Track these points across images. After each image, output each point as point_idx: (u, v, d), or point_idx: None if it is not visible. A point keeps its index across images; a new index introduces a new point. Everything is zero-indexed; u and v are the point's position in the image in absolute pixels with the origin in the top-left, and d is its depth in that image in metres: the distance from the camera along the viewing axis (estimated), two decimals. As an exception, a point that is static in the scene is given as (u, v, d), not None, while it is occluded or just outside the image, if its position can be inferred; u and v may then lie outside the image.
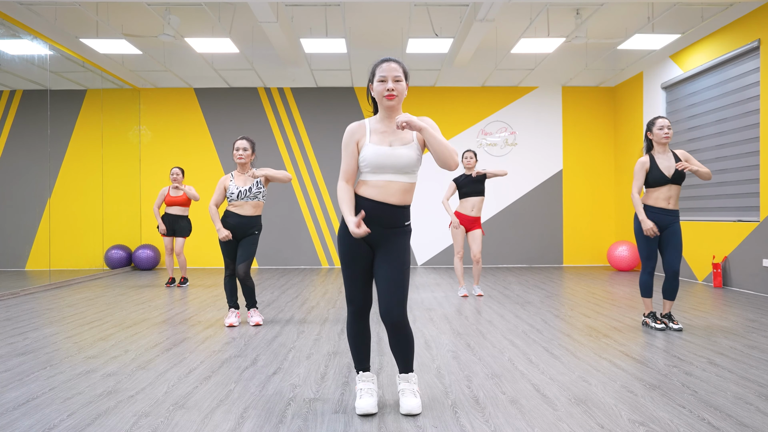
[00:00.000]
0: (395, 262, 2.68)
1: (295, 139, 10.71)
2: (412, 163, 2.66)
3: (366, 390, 2.76)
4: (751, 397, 2.94)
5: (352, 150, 2.70)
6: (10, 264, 10.23)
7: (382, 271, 2.69)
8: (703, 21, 7.25)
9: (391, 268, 2.68)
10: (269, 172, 4.83)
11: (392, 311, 2.66)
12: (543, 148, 10.77)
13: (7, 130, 10.32)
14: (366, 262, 2.74)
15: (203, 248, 10.51)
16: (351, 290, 2.77)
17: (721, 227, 7.49)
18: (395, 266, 2.68)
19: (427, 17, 7.19)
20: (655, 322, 4.63)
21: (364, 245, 2.71)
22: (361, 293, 2.77)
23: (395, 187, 2.66)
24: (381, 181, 2.65)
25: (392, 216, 2.68)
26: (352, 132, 2.72)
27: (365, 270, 2.75)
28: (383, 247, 2.70)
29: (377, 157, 2.63)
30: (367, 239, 2.70)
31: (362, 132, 2.72)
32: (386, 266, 2.68)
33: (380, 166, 2.64)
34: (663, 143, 4.57)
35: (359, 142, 2.70)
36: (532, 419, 2.64)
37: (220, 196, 4.92)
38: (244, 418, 2.67)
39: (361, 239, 2.69)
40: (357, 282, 2.75)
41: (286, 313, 5.59)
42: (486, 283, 7.94)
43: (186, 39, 7.71)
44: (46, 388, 3.15)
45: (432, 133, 2.59)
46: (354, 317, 2.81)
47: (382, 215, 2.66)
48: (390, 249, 2.70)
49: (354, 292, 2.77)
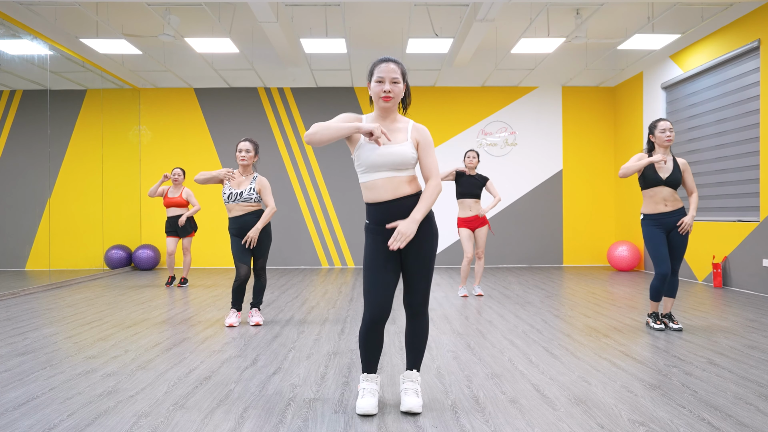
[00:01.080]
0: (423, 252, 2.68)
1: (295, 139, 10.71)
2: (407, 159, 2.63)
3: (368, 390, 2.76)
4: (751, 397, 2.94)
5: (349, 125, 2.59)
6: (10, 264, 10.23)
7: (414, 263, 2.69)
8: (703, 21, 7.25)
9: (419, 258, 2.68)
10: (262, 194, 4.86)
11: (417, 299, 2.72)
12: (543, 148, 10.77)
13: (7, 130, 10.32)
14: (395, 261, 2.69)
15: (203, 248, 10.50)
16: (374, 296, 2.65)
17: (721, 227, 7.49)
18: (423, 256, 2.68)
19: (427, 17, 7.19)
20: (656, 323, 4.64)
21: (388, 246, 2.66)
22: (383, 299, 2.65)
23: (396, 182, 2.64)
24: (381, 180, 2.64)
25: (407, 209, 2.65)
26: (354, 118, 2.71)
27: (392, 270, 2.69)
28: (412, 241, 2.66)
29: (372, 155, 2.62)
30: None
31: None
32: (414, 256, 2.68)
33: (375, 165, 2.63)
34: (665, 146, 4.56)
35: (354, 136, 2.69)
36: (532, 419, 2.64)
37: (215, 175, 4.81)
38: (244, 418, 2.67)
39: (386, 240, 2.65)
40: (381, 286, 2.64)
41: (286, 313, 5.59)
42: (486, 283, 7.94)
43: (186, 39, 7.71)
44: (46, 388, 3.15)
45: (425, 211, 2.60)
46: (371, 325, 2.69)
47: (398, 213, 2.64)
48: (419, 240, 2.67)
49: (377, 297, 2.65)
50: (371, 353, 2.77)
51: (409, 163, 2.65)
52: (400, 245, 2.54)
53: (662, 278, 4.49)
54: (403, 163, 2.63)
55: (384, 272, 2.66)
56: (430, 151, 2.71)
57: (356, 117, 2.72)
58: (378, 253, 2.67)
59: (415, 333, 2.80)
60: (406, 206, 2.64)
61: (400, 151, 2.62)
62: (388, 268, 2.67)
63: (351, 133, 2.59)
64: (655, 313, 4.71)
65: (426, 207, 2.62)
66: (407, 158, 2.63)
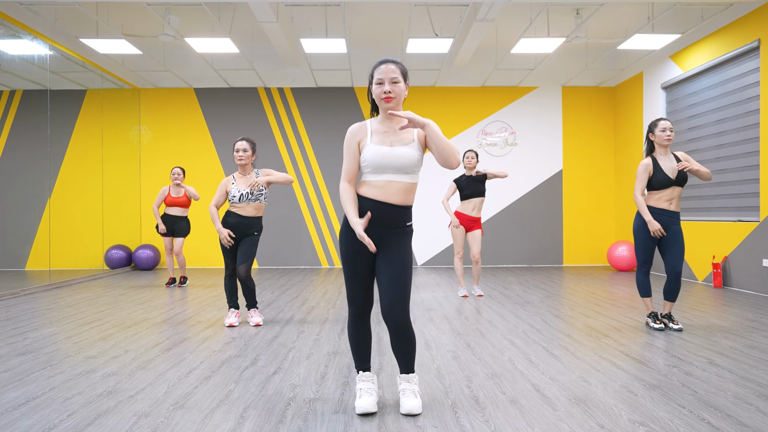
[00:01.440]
0: (397, 261, 2.68)
1: (295, 139, 10.72)
2: (413, 162, 2.66)
3: (366, 390, 2.76)
4: (751, 397, 2.94)
5: (354, 151, 2.70)
6: (10, 264, 10.23)
7: (383, 270, 2.69)
8: (703, 21, 7.25)
9: (393, 267, 2.67)
10: (271, 178, 4.84)
11: (394, 311, 2.66)
12: (543, 148, 10.77)
13: (7, 130, 10.32)
14: (367, 262, 2.74)
15: (203, 248, 10.50)
16: (352, 291, 2.77)
17: (721, 227, 7.49)
18: (397, 266, 2.68)
19: (427, 17, 7.19)
20: (655, 323, 4.64)
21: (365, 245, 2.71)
22: (362, 294, 2.77)
23: (396, 187, 2.66)
24: (382, 181, 2.65)
25: (394, 216, 2.68)
26: (354, 133, 2.73)
27: (367, 270, 2.75)
28: (385, 247, 2.70)
29: (378, 157, 2.63)
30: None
31: (363, 132, 2.72)
32: (388, 266, 2.68)
33: (381, 166, 2.64)
34: (665, 145, 4.57)
35: (360, 143, 2.70)
36: (532, 419, 2.64)
37: (221, 197, 4.92)
38: (244, 418, 2.67)
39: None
40: (358, 282, 2.75)
41: (286, 313, 5.59)
42: (486, 283, 7.94)
43: (186, 39, 7.71)
44: (46, 388, 3.15)
45: (434, 129, 2.59)
46: (355, 318, 2.82)
47: (384, 215, 2.66)
48: (392, 249, 2.69)
49: (355, 292, 2.77)
50: (360, 348, 2.82)
51: (415, 165, 2.67)
52: (408, 116, 2.53)
53: (645, 271, 4.64)
54: (409, 165, 2.65)
55: (362, 264, 2.72)
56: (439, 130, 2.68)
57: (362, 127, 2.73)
58: (354, 246, 2.70)
59: (400, 346, 2.74)
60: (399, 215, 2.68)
61: (406, 154, 2.64)
62: (365, 260, 2.72)
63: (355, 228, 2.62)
64: (654, 313, 4.71)
65: (439, 134, 2.58)
66: (414, 160, 2.65)
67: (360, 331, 2.81)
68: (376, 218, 2.66)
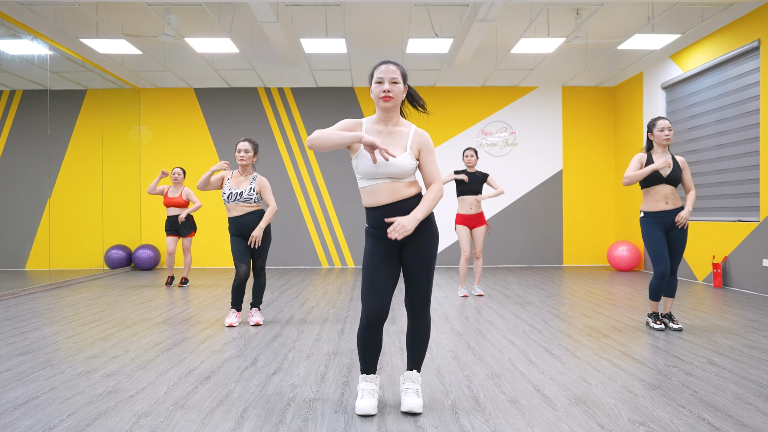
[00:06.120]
0: (424, 251, 2.70)
1: (295, 139, 10.71)
2: (406, 171, 2.64)
3: (368, 390, 2.76)
4: (751, 397, 2.94)
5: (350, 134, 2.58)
6: (10, 264, 10.23)
7: (410, 261, 2.70)
8: (703, 21, 7.25)
9: (420, 257, 2.70)
10: (262, 192, 4.87)
11: (418, 299, 2.73)
12: (543, 148, 10.77)
13: (7, 130, 10.32)
14: (395, 266, 2.72)
15: (203, 248, 10.50)
16: (371, 297, 2.67)
17: (721, 227, 7.49)
18: (424, 256, 2.70)
19: (427, 17, 7.19)
20: (656, 323, 4.64)
21: (393, 244, 2.69)
22: (381, 301, 2.66)
23: (395, 187, 2.66)
24: (378, 185, 2.66)
25: (407, 211, 2.65)
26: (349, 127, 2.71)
27: (392, 273, 2.71)
28: (410, 241, 2.69)
29: (371, 167, 2.62)
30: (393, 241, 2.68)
31: (359, 129, 2.72)
32: (415, 256, 2.70)
33: (374, 174, 2.64)
34: (663, 144, 4.58)
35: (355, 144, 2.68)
36: (532, 419, 2.64)
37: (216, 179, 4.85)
38: (244, 418, 2.67)
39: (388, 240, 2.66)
40: (379, 288, 2.66)
41: (286, 313, 5.59)
42: (486, 283, 7.94)
43: (186, 39, 7.71)
44: (46, 388, 3.15)
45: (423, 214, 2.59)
46: (369, 327, 2.70)
47: (397, 215, 2.64)
48: (418, 240, 2.69)
49: (374, 299, 2.66)
50: (369, 354, 2.77)
51: (408, 174, 2.66)
52: (397, 236, 2.54)
53: (661, 277, 4.49)
54: (401, 173, 2.64)
55: (382, 274, 2.68)
56: (431, 157, 2.73)
57: (357, 123, 2.73)
58: (377, 255, 2.69)
59: (416, 333, 2.81)
60: (406, 208, 2.65)
61: (399, 163, 2.62)
62: (386, 270, 2.69)
63: (352, 143, 2.59)
64: (655, 313, 4.71)
65: (427, 209, 2.62)
66: (407, 169, 2.64)
67: (373, 340, 2.74)
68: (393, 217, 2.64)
